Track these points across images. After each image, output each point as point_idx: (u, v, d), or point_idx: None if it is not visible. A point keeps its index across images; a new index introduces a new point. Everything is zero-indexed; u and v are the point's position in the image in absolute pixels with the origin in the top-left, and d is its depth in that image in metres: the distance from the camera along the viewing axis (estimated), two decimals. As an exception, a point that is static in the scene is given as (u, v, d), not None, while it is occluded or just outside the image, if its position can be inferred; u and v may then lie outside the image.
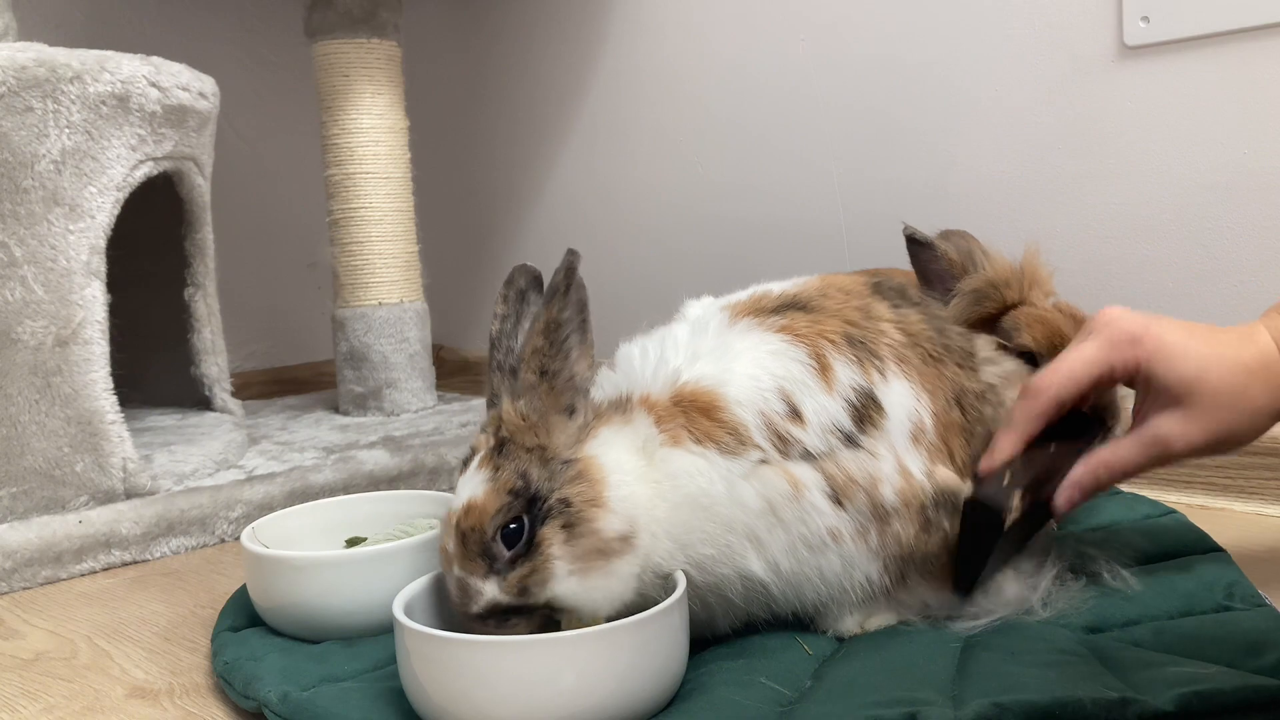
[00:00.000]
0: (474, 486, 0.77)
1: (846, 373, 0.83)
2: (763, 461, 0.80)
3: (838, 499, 0.80)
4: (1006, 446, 0.85)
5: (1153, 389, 0.83)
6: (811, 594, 0.83)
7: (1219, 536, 0.99)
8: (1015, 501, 0.82)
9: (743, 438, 0.80)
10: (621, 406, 0.83)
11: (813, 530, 0.80)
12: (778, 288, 0.92)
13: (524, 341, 0.79)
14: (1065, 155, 1.40)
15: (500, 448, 0.78)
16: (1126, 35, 1.32)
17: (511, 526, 0.75)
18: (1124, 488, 1.19)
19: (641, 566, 0.78)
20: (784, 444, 0.80)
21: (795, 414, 0.81)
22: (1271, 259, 1.25)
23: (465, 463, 0.80)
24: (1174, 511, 1.08)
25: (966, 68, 1.48)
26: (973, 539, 0.83)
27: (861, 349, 0.84)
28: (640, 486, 0.79)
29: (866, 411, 0.82)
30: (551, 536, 0.75)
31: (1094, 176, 1.38)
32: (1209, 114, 1.27)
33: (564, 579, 0.75)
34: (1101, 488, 0.86)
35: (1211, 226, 1.29)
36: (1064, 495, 0.86)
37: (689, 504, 0.79)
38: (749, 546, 0.80)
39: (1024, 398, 0.86)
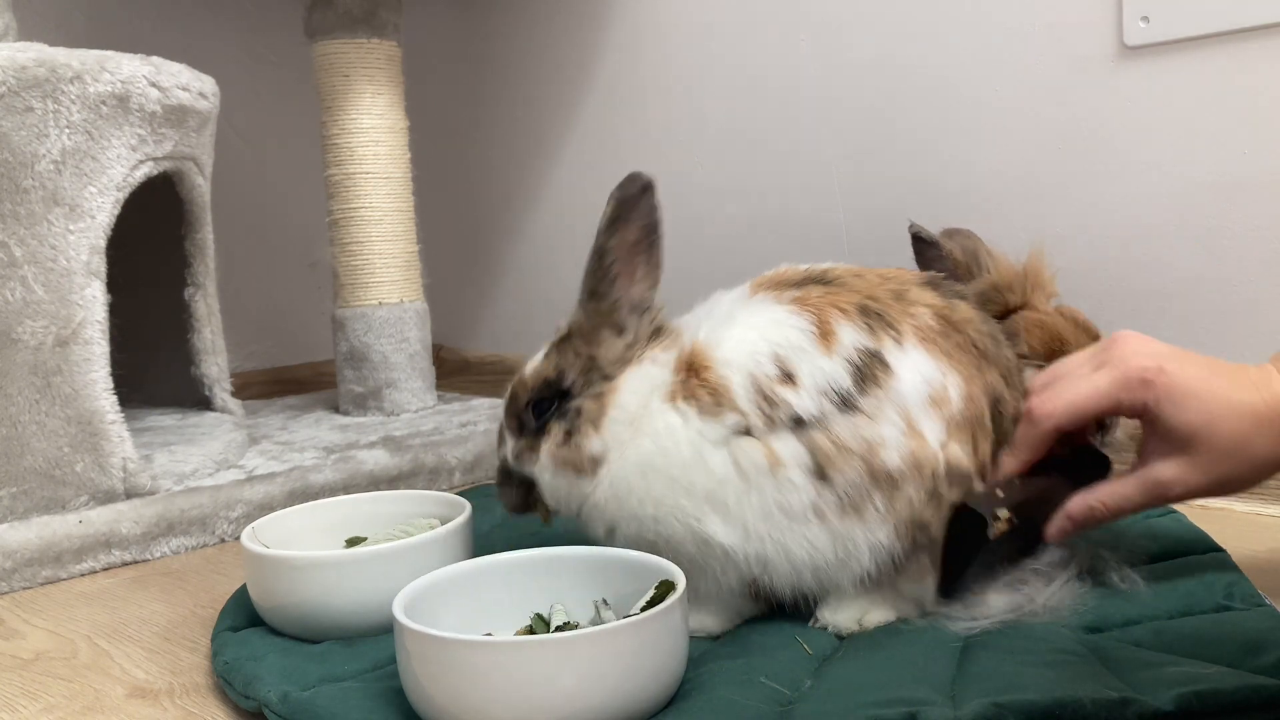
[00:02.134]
0: (535, 360, 0.91)
1: (851, 336, 0.82)
2: (744, 431, 0.81)
3: (822, 474, 0.80)
4: (1006, 467, 0.86)
5: (1158, 431, 0.83)
6: (807, 567, 0.82)
7: (1219, 536, 0.99)
8: (1002, 514, 0.83)
9: (721, 399, 0.82)
10: (671, 345, 0.88)
11: (791, 501, 0.81)
12: (817, 267, 0.91)
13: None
14: (1065, 155, 1.40)
15: (565, 339, 0.89)
16: (1126, 35, 1.32)
17: (541, 403, 0.88)
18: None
19: (592, 492, 0.86)
20: (771, 407, 0.81)
21: (788, 377, 0.81)
22: (1272, 260, 1.25)
23: None
24: (1174, 511, 1.08)
25: (967, 68, 1.48)
26: (955, 543, 0.84)
27: (877, 320, 0.83)
28: (625, 429, 0.85)
29: (870, 370, 0.81)
30: (556, 432, 0.87)
31: (1094, 176, 1.38)
32: (1209, 114, 1.27)
33: (544, 469, 0.88)
34: (1094, 523, 0.86)
35: (1211, 226, 1.29)
36: (1056, 525, 0.86)
37: (640, 462, 0.84)
38: (708, 510, 0.82)
39: (1026, 422, 0.86)
